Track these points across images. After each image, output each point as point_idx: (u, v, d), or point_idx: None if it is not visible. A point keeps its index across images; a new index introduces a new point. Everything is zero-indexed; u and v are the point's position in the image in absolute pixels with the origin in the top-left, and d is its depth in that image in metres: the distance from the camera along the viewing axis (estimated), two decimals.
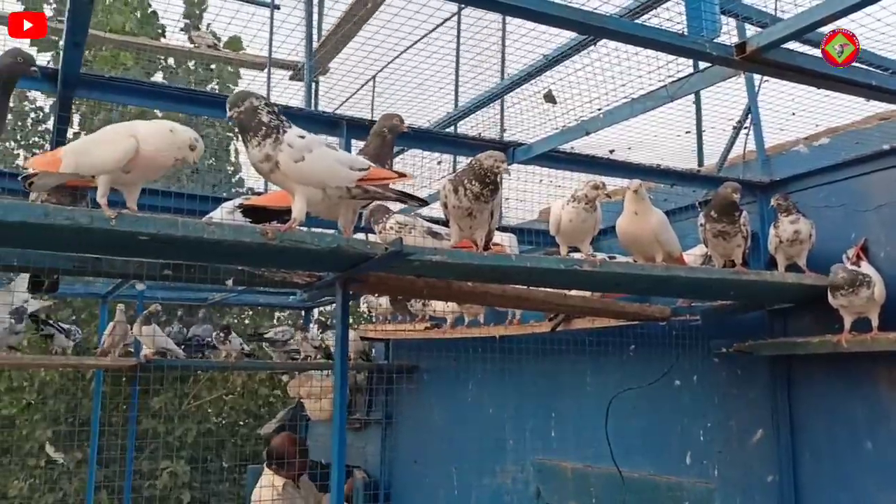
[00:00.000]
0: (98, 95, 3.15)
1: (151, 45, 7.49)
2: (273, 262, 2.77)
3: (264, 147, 2.25)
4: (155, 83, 3.99)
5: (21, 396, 9.12)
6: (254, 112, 2.25)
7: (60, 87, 2.70)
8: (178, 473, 8.86)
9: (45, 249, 2.63)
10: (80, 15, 2.35)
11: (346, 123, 3.22)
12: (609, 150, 4.13)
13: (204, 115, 5.85)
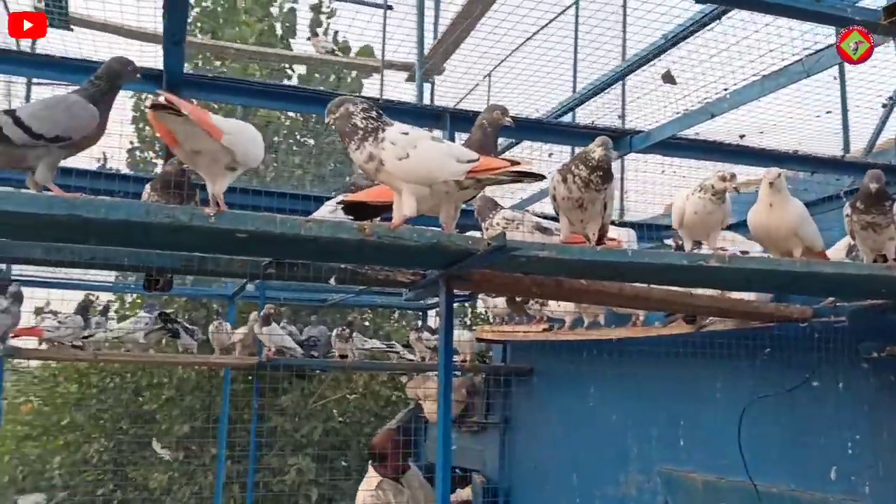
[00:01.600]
0: (204, 95, 3.22)
1: (273, 53, 7.75)
2: (372, 259, 2.71)
3: (365, 148, 2.22)
4: (257, 81, 4.06)
5: (161, 392, 9.65)
6: (349, 117, 2.23)
7: (165, 88, 2.74)
8: (305, 470, 9.08)
9: (149, 248, 2.69)
10: (178, 13, 2.37)
11: (450, 116, 3.12)
12: (739, 134, 3.78)
13: (311, 113, 5.94)
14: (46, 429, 10.10)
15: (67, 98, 2.16)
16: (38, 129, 2.00)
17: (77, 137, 2.09)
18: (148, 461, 9.59)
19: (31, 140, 1.99)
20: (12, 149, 1.98)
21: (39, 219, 2.03)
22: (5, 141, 1.96)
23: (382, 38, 4.66)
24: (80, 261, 2.79)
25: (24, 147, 1.99)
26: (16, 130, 1.97)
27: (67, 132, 2.06)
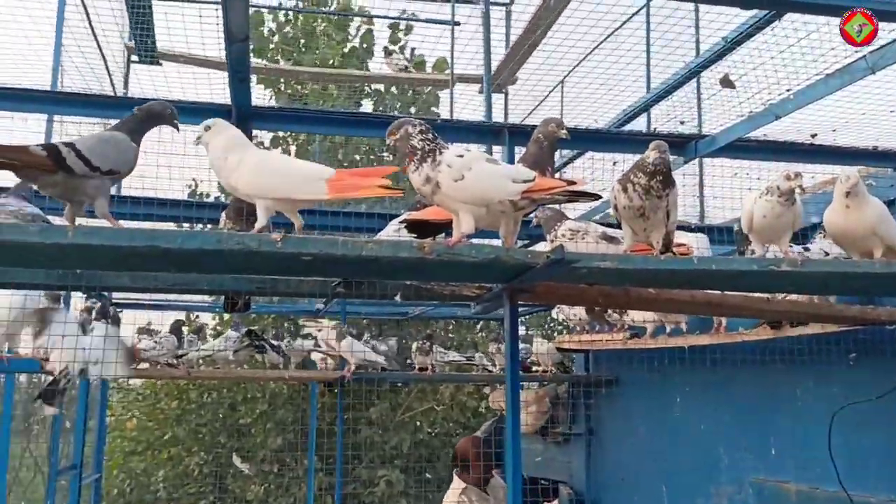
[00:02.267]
0: (273, 126, 3.36)
1: (348, 74, 7.96)
2: (435, 275, 2.75)
3: (423, 170, 2.28)
4: (321, 110, 4.19)
5: (255, 406, 9.97)
6: (407, 139, 2.29)
7: (235, 121, 2.89)
8: (394, 482, 9.20)
9: (223, 273, 2.83)
10: (239, 54, 2.50)
11: (508, 131, 3.14)
12: (810, 133, 3.64)
13: (371, 136, 6.07)
14: (150, 443, 10.55)
15: (115, 135, 2.31)
16: (96, 162, 2.15)
17: (123, 171, 2.26)
18: (245, 474, 9.92)
19: (89, 171, 2.14)
20: (72, 179, 2.13)
21: (122, 251, 2.18)
22: (68, 171, 2.11)
23: (451, 54, 4.73)
24: (163, 286, 2.96)
25: (83, 177, 2.14)
26: (77, 162, 2.12)
27: (117, 166, 2.22)
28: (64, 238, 2.11)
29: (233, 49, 2.46)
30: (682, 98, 4.23)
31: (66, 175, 2.13)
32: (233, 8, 2.21)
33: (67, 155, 2.12)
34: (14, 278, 2.87)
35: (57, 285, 2.82)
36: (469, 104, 5.83)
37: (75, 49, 5.18)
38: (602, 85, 4.91)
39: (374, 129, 3.37)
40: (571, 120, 5.06)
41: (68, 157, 2.12)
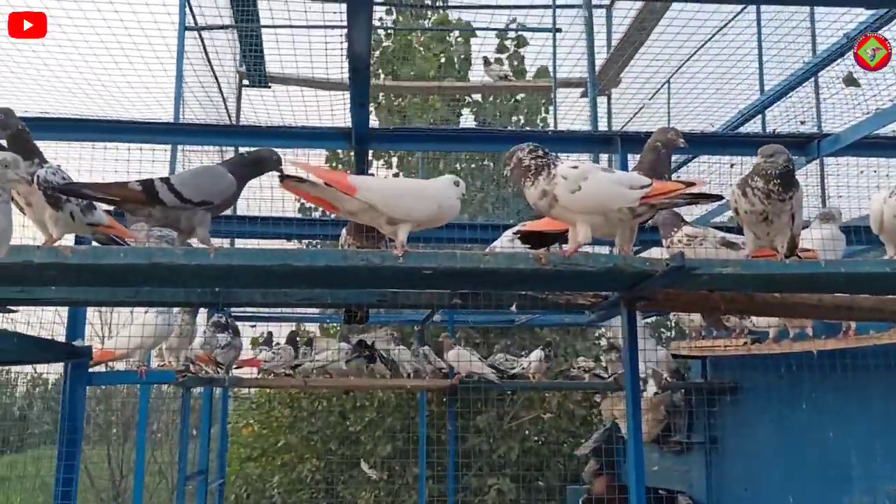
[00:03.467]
0: (388, 146, 3.46)
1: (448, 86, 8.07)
2: (550, 285, 2.77)
3: (538, 184, 2.32)
4: (435, 128, 4.24)
5: (364, 415, 10.18)
6: (520, 162, 2.35)
7: (354, 144, 3.00)
8: (504, 491, 9.17)
9: (348, 288, 2.93)
10: (361, 80, 2.61)
11: (620, 139, 3.11)
12: None
13: (483, 151, 6.10)
14: (265, 450, 10.91)
15: (212, 169, 2.52)
16: (188, 195, 2.32)
17: (217, 202, 2.40)
18: (356, 480, 10.12)
19: (180, 203, 2.31)
20: (167, 210, 2.31)
21: (257, 269, 2.32)
22: (161, 203, 2.29)
23: (553, 60, 4.73)
24: (291, 301, 3.11)
25: (176, 209, 2.32)
26: (169, 195, 2.30)
27: (210, 197, 2.37)
28: (206, 259, 2.27)
29: (354, 75, 2.56)
30: (802, 97, 4.07)
31: (162, 207, 2.31)
32: (356, 39, 2.31)
33: (160, 189, 2.31)
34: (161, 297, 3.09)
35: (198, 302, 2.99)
36: (572, 109, 5.80)
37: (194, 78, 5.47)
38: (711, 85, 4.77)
39: (489, 143, 3.43)
40: (678, 122, 4.96)
41: (161, 190, 2.30)
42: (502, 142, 2.93)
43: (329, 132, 3.32)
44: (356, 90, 2.67)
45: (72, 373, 3.43)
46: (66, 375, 3.47)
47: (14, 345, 2.23)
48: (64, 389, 3.48)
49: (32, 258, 2.28)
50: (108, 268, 2.34)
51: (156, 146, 4.23)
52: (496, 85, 6.98)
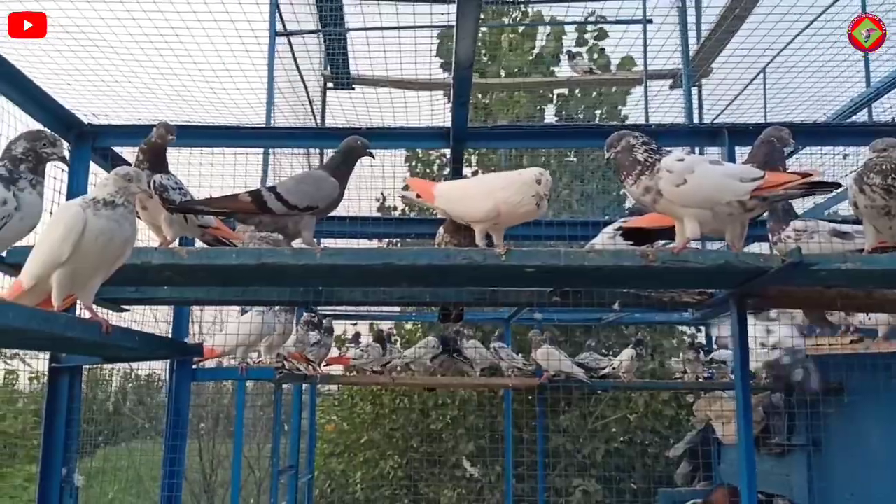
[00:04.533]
0: (484, 144, 3.45)
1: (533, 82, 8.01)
2: (656, 283, 2.70)
3: (642, 181, 2.26)
4: (530, 126, 4.19)
5: (446, 412, 10.22)
6: (630, 150, 2.28)
7: (453, 142, 3.00)
8: (591, 492, 9.05)
9: (449, 286, 2.94)
10: (463, 78, 2.61)
11: (728, 131, 3.00)
12: None
13: (581, 147, 6.02)
14: (347, 446, 11.07)
15: (314, 173, 2.59)
16: (293, 201, 2.41)
17: (322, 206, 2.47)
18: (437, 478, 10.17)
19: (287, 210, 2.40)
20: (275, 217, 2.41)
21: (361, 269, 2.35)
22: (270, 212, 2.39)
23: (644, 52, 4.64)
24: (390, 300, 3.14)
25: (284, 216, 2.41)
26: (276, 203, 2.39)
27: (315, 202, 2.45)
28: (312, 259, 2.31)
29: (458, 75, 2.57)
30: None
31: (270, 215, 2.40)
32: (462, 38, 2.32)
33: (268, 198, 2.40)
34: (268, 296, 3.18)
35: (301, 301, 3.06)
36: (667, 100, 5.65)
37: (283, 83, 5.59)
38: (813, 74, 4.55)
39: (586, 139, 3.38)
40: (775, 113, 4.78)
41: (269, 199, 2.39)
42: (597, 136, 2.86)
43: (427, 132, 3.34)
44: (459, 89, 2.68)
45: (178, 370, 3.55)
46: (171, 372, 3.58)
47: (136, 342, 2.32)
48: (170, 386, 3.60)
49: (151, 259, 2.37)
50: (221, 268, 2.42)
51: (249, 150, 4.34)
52: (584, 79, 6.87)
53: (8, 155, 1.79)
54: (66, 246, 1.97)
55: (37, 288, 2.12)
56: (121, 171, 2.05)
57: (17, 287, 2.18)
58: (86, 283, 2.12)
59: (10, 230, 1.73)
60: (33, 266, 2.07)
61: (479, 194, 2.43)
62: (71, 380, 2.71)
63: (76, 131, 2.96)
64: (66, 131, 2.88)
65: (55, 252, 1.99)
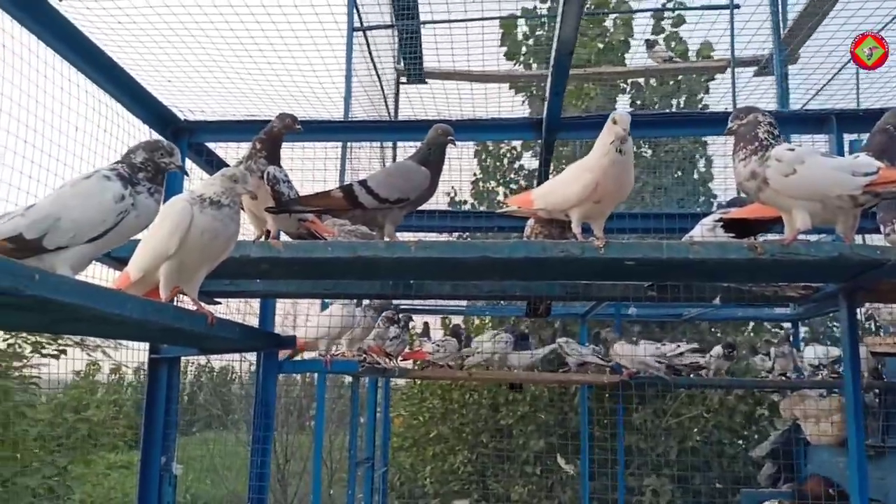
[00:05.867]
0: (575, 135, 3.39)
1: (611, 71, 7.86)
2: (763, 276, 2.60)
3: (750, 163, 2.19)
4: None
5: (516, 409, 10.16)
6: (755, 125, 2.21)
7: (545, 133, 2.95)
8: (660, 492, 8.87)
9: (542, 279, 2.89)
10: (562, 66, 2.55)
11: (836, 118, 2.86)
12: None
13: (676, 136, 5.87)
14: (416, 441, 11.12)
15: (405, 164, 2.56)
16: (384, 194, 2.42)
17: (413, 198, 2.47)
18: (507, 474, 10.12)
19: (379, 204, 2.42)
20: (366, 212, 2.43)
21: (455, 262, 2.33)
22: (361, 206, 2.41)
23: (731, 38, 4.49)
24: (479, 294, 3.11)
25: (375, 210, 2.42)
26: (368, 198, 2.41)
27: (406, 194, 2.45)
28: (407, 252, 2.30)
29: (558, 62, 2.52)
30: None
31: (362, 209, 2.43)
32: (566, 23, 2.26)
33: (359, 193, 2.42)
34: (359, 289, 3.19)
35: (390, 294, 3.06)
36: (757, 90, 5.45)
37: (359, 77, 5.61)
38: None
39: (688, 127, 3.28)
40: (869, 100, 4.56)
41: (360, 194, 2.41)
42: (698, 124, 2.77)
43: (518, 123, 3.30)
44: (556, 78, 2.64)
45: (265, 362, 3.60)
46: (258, 364, 3.64)
47: (237, 334, 2.35)
48: (257, 377, 3.65)
49: (249, 252, 2.41)
50: (316, 261, 2.43)
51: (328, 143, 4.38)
52: (664, 67, 6.69)
53: (127, 161, 1.84)
54: (173, 240, 2.01)
55: (143, 280, 2.17)
56: (228, 172, 2.09)
57: (124, 279, 2.23)
58: (191, 277, 2.16)
59: (126, 226, 1.77)
60: (142, 259, 2.12)
61: (572, 176, 2.38)
62: (169, 370, 2.78)
63: (172, 127, 3.02)
64: (163, 127, 2.95)
65: (163, 245, 2.03)
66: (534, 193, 2.57)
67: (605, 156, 2.29)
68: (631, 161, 2.33)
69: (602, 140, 2.26)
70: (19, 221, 1.68)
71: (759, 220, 2.57)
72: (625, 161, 2.29)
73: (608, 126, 2.28)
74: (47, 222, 1.68)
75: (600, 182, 2.30)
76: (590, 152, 2.30)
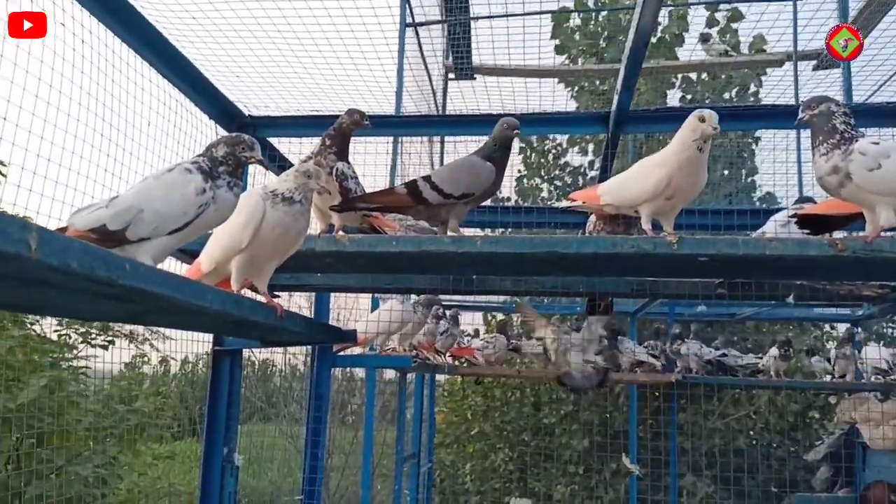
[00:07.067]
0: (644, 129, 3.34)
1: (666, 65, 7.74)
2: (842, 274, 2.52)
3: (832, 158, 2.12)
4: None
5: (560, 407, 10.10)
6: (829, 116, 2.14)
7: (612, 126, 2.91)
8: (698, 494, 8.74)
9: (608, 275, 2.85)
10: (636, 59, 2.51)
11: None
12: None
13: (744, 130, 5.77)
14: (457, 437, 11.12)
15: (469, 159, 2.53)
16: (448, 190, 2.41)
17: (478, 193, 2.45)
18: (548, 472, 10.07)
19: (443, 199, 2.40)
20: (429, 207, 2.42)
21: (522, 257, 2.30)
22: (425, 202, 2.40)
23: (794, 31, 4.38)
24: (543, 290, 3.08)
25: (439, 205, 2.41)
26: (432, 193, 2.40)
27: (470, 189, 2.43)
28: (473, 247, 2.28)
29: (632, 55, 2.48)
30: None
31: (426, 205, 2.42)
32: (645, 14, 2.22)
33: (423, 188, 2.41)
34: (418, 284, 3.19)
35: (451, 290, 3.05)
36: (807, 84, 5.32)
37: (410, 72, 5.61)
38: None
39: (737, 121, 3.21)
40: None
41: (424, 189, 2.40)
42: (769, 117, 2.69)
43: (583, 116, 3.26)
44: (629, 70, 2.59)
45: (319, 355, 3.61)
46: (313, 357, 3.65)
47: (303, 327, 2.36)
48: (311, 370, 3.67)
49: (315, 247, 2.41)
50: (381, 255, 2.42)
51: (379, 138, 4.37)
52: (718, 61, 6.55)
53: (209, 155, 1.85)
54: (246, 233, 2.02)
55: (215, 272, 2.19)
56: (301, 168, 2.09)
57: (195, 270, 2.25)
58: (261, 270, 2.17)
59: (205, 219, 1.78)
60: (214, 251, 2.14)
61: (645, 171, 2.34)
62: (232, 362, 2.80)
63: (238, 122, 3.04)
64: (228, 122, 2.97)
65: (236, 239, 2.04)
66: (600, 188, 2.54)
67: (683, 151, 2.24)
68: (706, 159, 2.28)
69: (683, 136, 2.22)
70: (103, 213, 1.69)
71: (835, 217, 2.49)
72: (701, 158, 2.25)
73: (692, 123, 2.23)
74: (131, 213, 1.70)
75: (675, 178, 2.25)
76: (666, 147, 2.26)
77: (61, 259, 1.15)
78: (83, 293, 1.39)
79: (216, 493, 2.71)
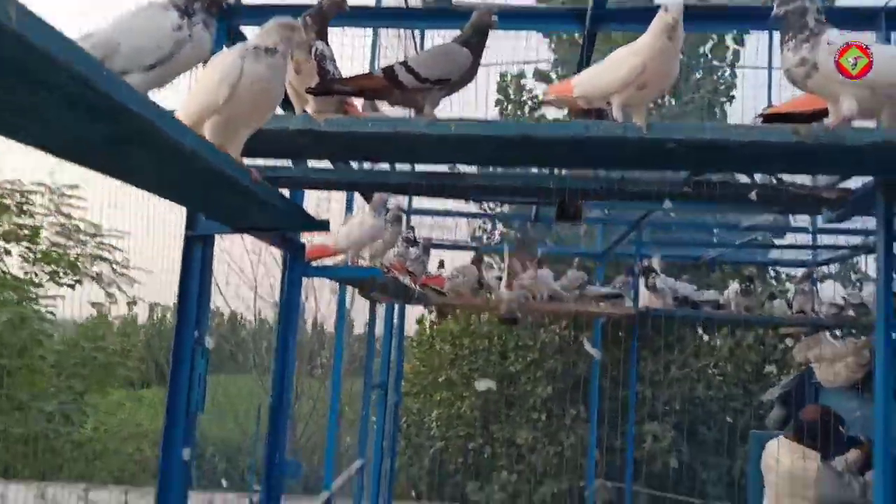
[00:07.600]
0: (622, 27, 3.33)
1: None
2: (803, 164, 2.59)
3: (800, 50, 2.16)
4: None
5: (526, 354, 10.29)
6: (802, 13, 2.17)
7: (589, 24, 2.92)
8: (660, 438, 8.98)
9: (580, 166, 2.89)
10: None
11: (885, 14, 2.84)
12: None
13: None
14: (424, 387, 11.29)
15: (446, 45, 2.52)
16: (425, 74, 2.39)
17: (455, 78, 2.44)
18: (512, 420, 10.28)
19: (419, 84, 2.39)
20: (405, 92, 2.41)
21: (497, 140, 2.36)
22: (400, 86, 2.39)
23: None
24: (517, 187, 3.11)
25: (415, 90, 2.40)
26: (408, 76, 2.38)
27: (447, 74, 2.42)
28: (446, 130, 2.32)
29: None
30: None
31: (402, 90, 2.40)
32: None
33: (399, 72, 2.39)
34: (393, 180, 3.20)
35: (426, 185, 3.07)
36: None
37: None
38: None
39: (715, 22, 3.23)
40: None
41: (400, 73, 2.39)
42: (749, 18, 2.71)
43: (559, 13, 3.26)
44: None
45: (291, 262, 3.61)
46: (284, 266, 3.65)
47: (276, 199, 2.35)
48: (282, 280, 3.65)
49: (289, 125, 2.41)
50: (355, 136, 2.44)
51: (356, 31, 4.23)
52: None
53: None
54: (223, 89, 2.00)
55: None
56: (282, 20, 2.06)
57: None
58: (236, 134, 2.16)
59: (183, 56, 1.78)
60: (188, 112, 2.12)
61: (618, 60, 2.37)
62: (203, 248, 2.80)
63: None
64: None
65: (212, 96, 2.02)
66: (574, 80, 2.56)
67: (655, 42, 2.28)
68: (679, 49, 2.32)
69: (653, 28, 2.25)
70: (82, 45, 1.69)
71: (800, 115, 2.56)
72: (673, 48, 2.29)
73: (659, 15, 2.27)
74: (109, 47, 1.70)
75: (648, 65, 2.29)
76: (638, 39, 2.30)
77: (41, 38, 1.15)
78: (57, 102, 1.38)
79: (186, 374, 2.73)
